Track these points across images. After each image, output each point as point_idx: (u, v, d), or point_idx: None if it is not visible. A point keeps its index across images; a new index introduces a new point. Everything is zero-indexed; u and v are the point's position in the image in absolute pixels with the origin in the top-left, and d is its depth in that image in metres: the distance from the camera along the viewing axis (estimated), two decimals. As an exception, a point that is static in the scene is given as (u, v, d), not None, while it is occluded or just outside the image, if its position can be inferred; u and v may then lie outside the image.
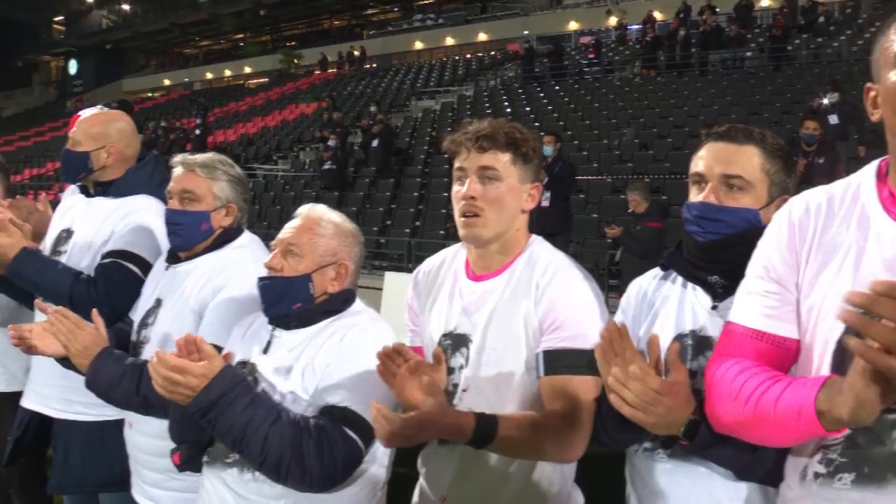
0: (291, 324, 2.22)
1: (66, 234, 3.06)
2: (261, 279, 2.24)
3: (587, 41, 27.86)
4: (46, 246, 3.08)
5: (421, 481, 2.30)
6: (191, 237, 2.60)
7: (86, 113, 3.56)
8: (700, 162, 1.99)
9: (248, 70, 48.45)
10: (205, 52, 58.47)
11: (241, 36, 56.36)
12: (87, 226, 3.01)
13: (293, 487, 2.04)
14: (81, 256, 2.95)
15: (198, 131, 22.94)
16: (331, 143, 18.19)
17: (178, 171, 2.65)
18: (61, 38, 59.74)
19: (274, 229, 2.52)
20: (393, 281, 10.59)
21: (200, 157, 2.66)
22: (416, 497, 2.32)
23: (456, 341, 2.15)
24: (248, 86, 42.78)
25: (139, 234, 2.90)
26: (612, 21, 28.89)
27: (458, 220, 2.12)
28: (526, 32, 32.52)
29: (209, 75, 50.92)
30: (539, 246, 2.17)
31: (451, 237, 13.74)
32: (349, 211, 14.63)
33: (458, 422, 1.88)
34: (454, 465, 2.12)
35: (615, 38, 27.99)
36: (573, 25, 34.20)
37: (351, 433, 2.02)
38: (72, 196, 3.28)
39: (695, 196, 1.99)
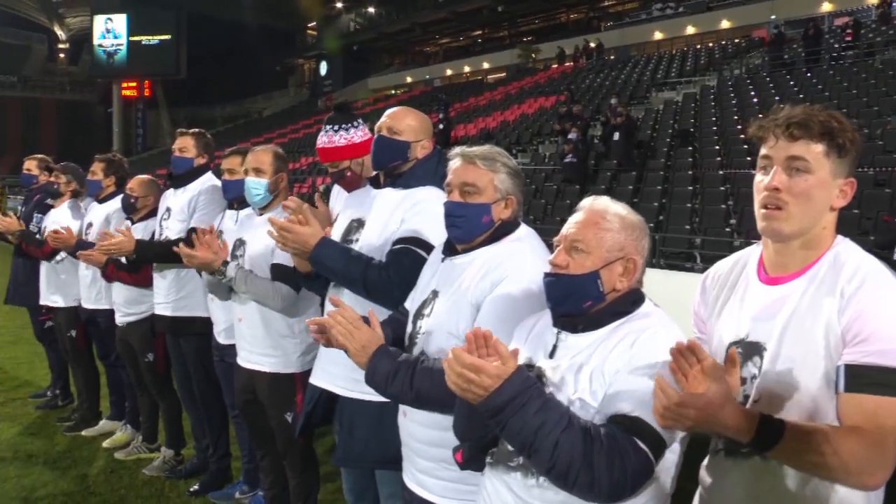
0: (578, 326, 2.12)
1: (357, 224, 3.18)
2: (546, 276, 2.16)
3: (843, 22, 26.04)
4: (337, 235, 3.21)
5: (701, 493, 2.17)
6: (471, 229, 2.56)
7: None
8: None
9: (486, 66, 49.43)
10: (444, 50, 60.22)
11: (479, 32, 57.58)
12: (378, 215, 3.12)
13: (579, 496, 1.95)
14: (374, 244, 3.06)
15: (441, 126, 23.62)
16: (572, 136, 18.10)
17: (456, 163, 2.61)
18: (313, 42, 63.97)
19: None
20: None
21: (479, 149, 2.63)
22: None
23: (747, 349, 1.99)
24: (486, 81, 43.65)
25: (428, 222, 2.96)
26: (873, -2, 26.80)
27: (758, 212, 1.97)
28: (773, 17, 30.94)
29: (449, 71, 52.46)
30: (846, 247, 1.97)
31: (697, 232, 13.43)
32: (590, 204, 14.41)
33: (740, 415, 1.76)
34: (743, 482, 1.98)
35: (876, 16, 25.92)
36: (826, 7, 32.09)
37: (642, 445, 1.90)
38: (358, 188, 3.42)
39: None
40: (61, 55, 76.64)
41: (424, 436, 2.55)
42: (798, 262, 1.98)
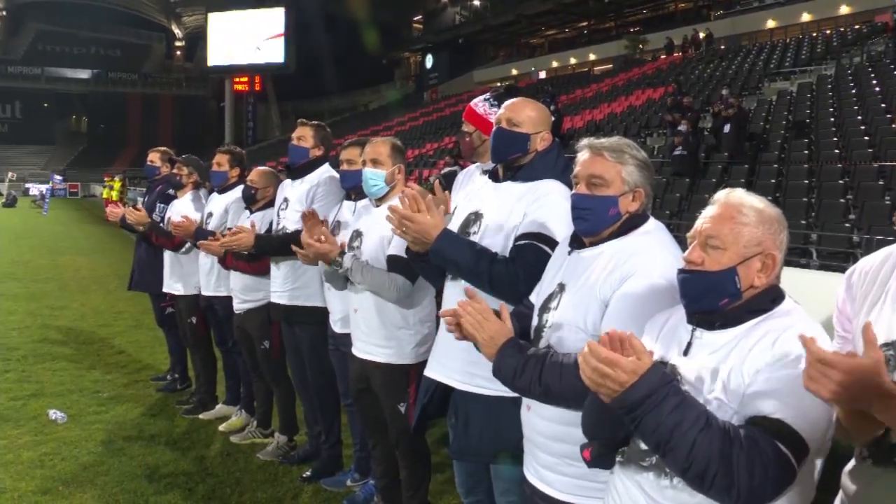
0: (716, 324, 2.04)
1: (475, 217, 3.15)
2: (681, 272, 2.08)
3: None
4: (454, 227, 3.17)
5: (843, 501, 2.04)
6: (598, 222, 2.49)
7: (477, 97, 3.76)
8: None
9: (592, 57, 48.84)
10: (550, 42, 59.77)
11: (585, 24, 56.90)
12: (498, 209, 3.08)
13: (716, 500, 1.88)
14: (493, 238, 3.02)
15: (553, 118, 23.44)
16: (681, 128, 17.73)
17: (584, 155, 2.54)
18: (419, 36, 64.60)
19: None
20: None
21: (608, 140, 2.57)
22: None
23: None
24: (593, 72, 43.12)
25: (551, 216, 2.93)
26: None
27: None
28: (899, 1, 29.50)
29: (555, 63, 52.11)
30: None
31: (813, 228, 12.93)
32: (701, 198, 14.12)
33: (893, 392, 1.61)
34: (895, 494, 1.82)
35: None
36: (960, -12, 30.31)
37: (784, 449, 1.80)
38: (476, 179, 3.40)
39: None
40: (178, 52, 79.93)
41: (549, 430, 2.52)
42: None
